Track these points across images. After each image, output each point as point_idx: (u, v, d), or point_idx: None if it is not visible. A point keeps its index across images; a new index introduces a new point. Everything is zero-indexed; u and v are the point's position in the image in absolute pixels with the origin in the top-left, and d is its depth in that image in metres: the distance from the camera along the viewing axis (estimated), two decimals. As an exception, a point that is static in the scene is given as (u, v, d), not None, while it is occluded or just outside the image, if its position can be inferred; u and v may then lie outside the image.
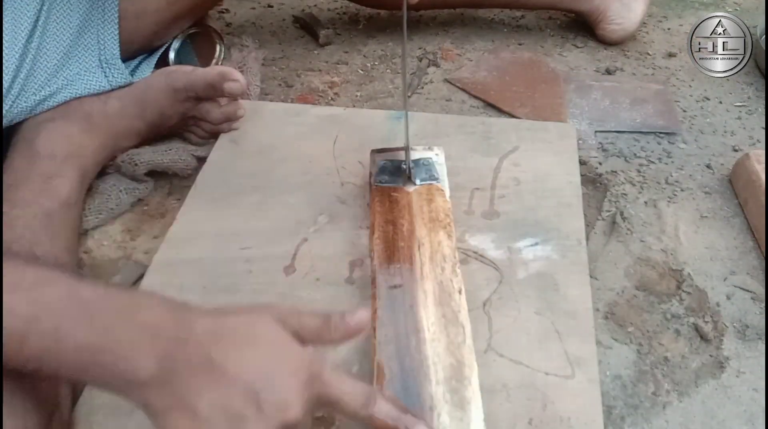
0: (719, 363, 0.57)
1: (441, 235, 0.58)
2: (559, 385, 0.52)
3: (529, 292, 0.58)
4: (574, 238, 0.63)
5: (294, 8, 1.08)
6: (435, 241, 0.57)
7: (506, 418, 0.50)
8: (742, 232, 0.68)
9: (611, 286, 0.62)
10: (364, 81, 0.91)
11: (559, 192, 0.68)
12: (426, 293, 0.52)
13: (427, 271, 0.54)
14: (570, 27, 1.03)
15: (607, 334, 0.58)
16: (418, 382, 0.46)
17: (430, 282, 0.53)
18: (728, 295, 0.62)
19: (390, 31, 1.01)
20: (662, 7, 1.10)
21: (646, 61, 0.96)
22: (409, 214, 0.60)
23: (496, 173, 0.71)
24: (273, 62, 0.94)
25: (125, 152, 0.70)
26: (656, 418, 0.52)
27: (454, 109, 0.85)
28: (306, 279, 0.60)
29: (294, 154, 0.73)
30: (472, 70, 0.92)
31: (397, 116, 0.78)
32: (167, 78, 0.71)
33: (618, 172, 0.76)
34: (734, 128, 0.83)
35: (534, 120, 0.81)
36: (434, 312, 0.51)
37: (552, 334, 0.55)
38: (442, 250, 0.56)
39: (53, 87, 0.67)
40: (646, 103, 0.86)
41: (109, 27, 0.71)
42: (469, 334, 0.50)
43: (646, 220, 0.69)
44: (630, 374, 0.56)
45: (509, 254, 0.62)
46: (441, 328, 0.50)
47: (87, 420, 0.49)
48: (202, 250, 0.62)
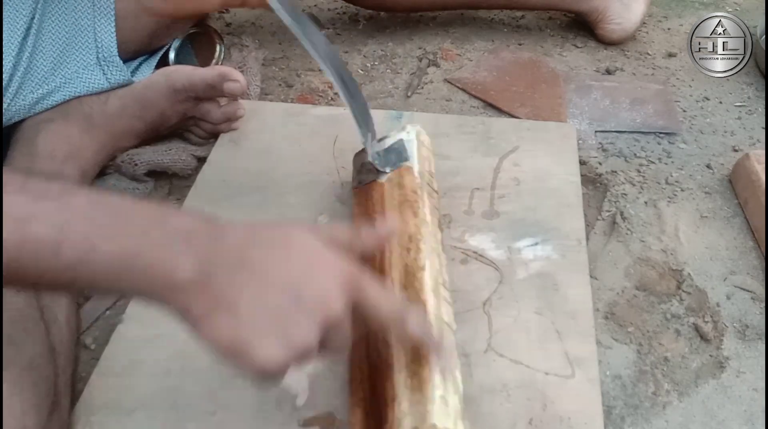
0: (719, 363, 0.57)
1: (408, 214, 0.56)
2: (559, 385, 0.52)
3: (529, 292, 0.58)
4: (574, 238, 0.63)
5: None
6: (403, 223, 0.55)
7: (506, 418, 0.50)
8: (742, 232, 0.68)
9: (611, 286, 0.62)
10: (364, 81, 0.91)
11: (559, 192, 0.68)
12: (393, 281, 0.51)
13: (395, 259, 0.52)
14: (570, 27, 1.03)
15: (607, 334, 0.58)
16: (384, 375, 0.46)
17: (397, 270, 0.52)
18: (728, 295, 0.62)
19: (390, 32, 1.01)
20: (662, 7, 1.10)
21: (646, 61, 0.96)
22: (382, 205, 0.58)
23: (496, 173, 0.71)
24: (273, 62, 0.94)
25: (125, 152, 0.70)
26: (656, 418, 0.52)
27: (454, 109, 0.85)
28: (306, 279, 0.60)
29: (294, 154, 0.73)
30: (472, 70, 0.92)
31: (397, 116, 0.78)
32: (167, 78, 0.71)
33: (618, 172, 0.76)
34: (734, 128, 0.83)
35: (534, 120, 0.81)
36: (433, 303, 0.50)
37: (552, 334, 0.55)
38: (408, 230, 0.54)
39: (51, 85, 0.67)
40: (646, 103, 0.86)
41: (105, 24, 0.71)
42: (432, 310, 0.48)
43: (646, 220, 0.69)
44: (630, 374, 0.56)
45: (509, 254, 0.62)
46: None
47: (87, 420, 0.49)
48: (202, 250, 0.62)
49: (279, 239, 0.39)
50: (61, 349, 0.50)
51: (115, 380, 0.52)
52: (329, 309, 0.37)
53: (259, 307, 0.36)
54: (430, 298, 0.49)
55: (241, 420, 0.49)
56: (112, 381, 0.51)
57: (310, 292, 0.37)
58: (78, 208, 0.36)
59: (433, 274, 0.51)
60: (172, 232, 0.37)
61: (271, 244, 0.39)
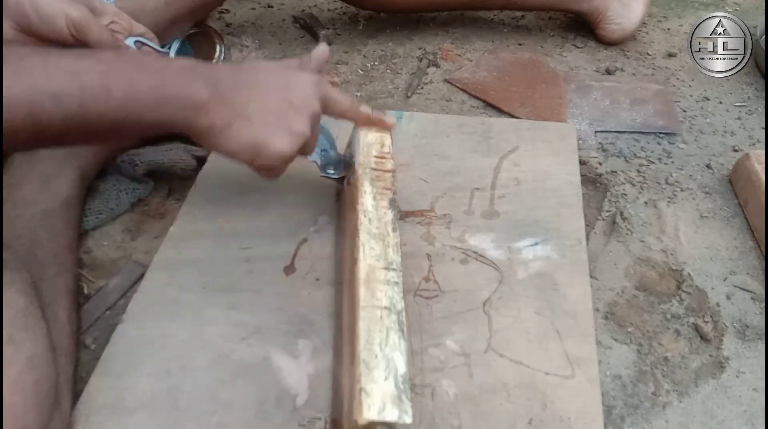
0: (719, 363, 0.57)
1: (350, 211, 0.58)
2: (559, 385, 0.52)
3: (529, 292, 0.59)
4: (574, 238, 0.63)
5: (294, 8, 1.08)
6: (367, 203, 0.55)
7: (506, 418, 0.50)
8: (742, 232, 0.68)
9: (611, 286, 0.62)
10: (364, 81, 0.91)
11: (559, 192, 0.68)
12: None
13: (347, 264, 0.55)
14: (570, 27, 1.03)
15: (607, 334, 0.58)
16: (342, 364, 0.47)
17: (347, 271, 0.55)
18: (728, 295, 0.62)
19: (390, 32, 1.01)
20: (662, 7, 1.10)
21: (646, 61, 0.96)
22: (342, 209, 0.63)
23: (496, 173, 0.71)
24: (273, 62, 0.94)
25: (125, 152, 0.70)
26: (656, 418, 0.52)
27: (454, 109, 0.85)
28: (306, 279, 0.60)
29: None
30: (472, 70, 0.92)
31: (397, 116, 0.78)
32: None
33: (618, 172, 0.76)
34: (734, 128, 0.83)
35: (534, 120, 0.81)
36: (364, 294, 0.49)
37: (552, 334, 0.55)
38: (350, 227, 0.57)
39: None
40: (646, 103, 0.86)
41: None
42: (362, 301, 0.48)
43: (646, 220, 0.69)
44: (630, 374, 0.56)
45: (509, 254, 0.62)
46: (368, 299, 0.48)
47: (87, 420, 0.49)
48: (202, 250, 0.62)
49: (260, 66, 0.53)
50: (62, 348, 0.50)
51: (115, 380, 0.51)
52: (312, 105, 0.52)
53: (266, 112, 0.49)
54: (362, 290, 0.48)
55: (241, 420, 0.49)
56: (112, 381, 0.51)
57: (297, 96, 0.51)
58: (108, 60, 0.45)
59: (368, 263, 0.50)
60: (180, 68, 0.48)
61: (256, 71, 0.52)
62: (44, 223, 0.58)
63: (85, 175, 0.66)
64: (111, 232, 0.67)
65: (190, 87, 0.46)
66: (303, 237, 0.63)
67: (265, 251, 0.62)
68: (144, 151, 0.71)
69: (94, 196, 0.68)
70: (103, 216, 0.67)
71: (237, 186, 0.69)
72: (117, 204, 0.68)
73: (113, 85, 0.43)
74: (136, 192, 0.70)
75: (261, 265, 0.61)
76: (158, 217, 0.69)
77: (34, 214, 0.59)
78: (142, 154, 0.70)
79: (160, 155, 0.71)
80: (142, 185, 0.70)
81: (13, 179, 0.61)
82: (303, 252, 0.62)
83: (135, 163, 0.69)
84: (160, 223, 0.68)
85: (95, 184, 0.69)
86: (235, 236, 0.63)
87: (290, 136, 0.50)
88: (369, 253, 0.51)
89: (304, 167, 0.71)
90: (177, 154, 0.72)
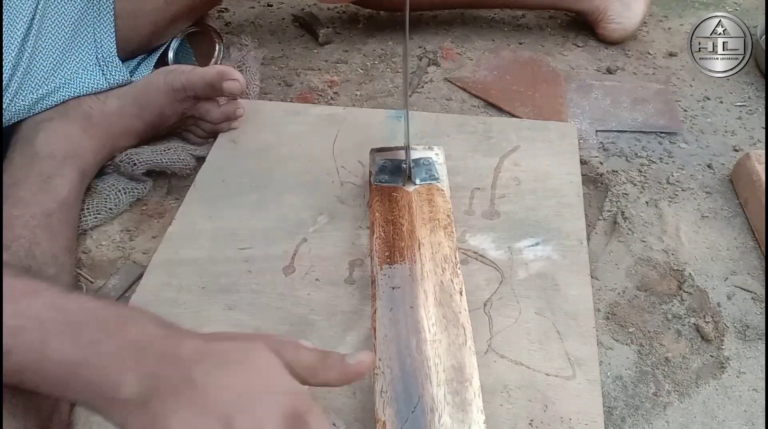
0: (720, 363, 0.57)
1: (441, 236, 0.57)
2: (560, 386, 0.51)
3: (529, 292, 0.58)
4: (575, 238, 0.63)
5: (293, 7, 1.08)
6: (435, 242, 0.57)
7: (507, 419, 0.49)
8: (742, 232, 0.68)
9: (612, 287, 0.62)
10: (364, 80, 0.91)
11: (559, 192, 0.68)
12: (426, 293, 0.52)
13: (427, 271, 0.54)
14: (570, 26, 1.03)
15: (608, 335, 0.58)
16: (419, 383, 0.46)
17: (430, 282, 0.53)
18: (729, 295, 0.62)
19: (390, 30, 1.01)
20: (663, 7, 1.09)
21: (647, 61, 0.96)
22: (409, 213, 0.60)
23: (496, 173, 0.71)
24: (272, 61, 0.94)
25: (124, 152, 0.70)
26: (657, 419, 0.52)
27: (455, 109, 0.85)
28: (305, 279, 0.60)
29: (294, 154, 0.73)
30: (473, 69, 0.92)
31: (397, 116, 0.78)
32: (166, 77, 0.71)
33: (619, 171, 0.75)
34: (735, 128, 0.83)
35: (535, 119, 0.81)
36: (435, 313, 0.51)
37: (553, 334, 0.55)
38: (443, 251, 0.56)
39: (51, 85, 0.67)
40: (646, 103, 0.86)
41: (104, 25, 0.71)
42: (470, 336, 0.50)
43: (647, 220, 0.69)
44: (631, 375, 0.55)
45: (510, 254, 0.62)
46: (442, 328, 0.50)
47: (87, 421, 0.49)
48: (200, 250, 0.62)
49: (233, 355, 0.37)
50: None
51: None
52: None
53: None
54: (468, 325, 0.51)
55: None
56: (111, 381, 0.51)
57: (241, 423, 0.34)
58: (34, 313, 0.37)
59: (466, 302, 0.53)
60: (124, 343, 0.37)
61: (222, 361, 0.37)
62: (43, 223, 0.58)
63: (84, 176, 0.65)
64: (110, 232, 0.67)
65: (118, 376, 0.36)
66: (302, 237, 0.63)
67: (264, 251, 0.62)
68: (143, 151, 0.71)
69: (93, 196, 0.68)
70: (102, 216, 0.67)
71: (236, 186, 0.69)
72: (116, 204, 0.68)
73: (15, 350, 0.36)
74: (135, 192, 0.70)
75: (260, 265, 0.61)
76: (157, 216, 0.69)
77: (34, 214, 0.58)
78: (141, 153, 0.70)
79: (159, 155, 0.71)
80: (140, 185, 0.70)
81: (12, 179, 0.61)
82: (302, 252, 0.62)
83: (134, 163, 0.69)
84: (158, 223, 0.68)
85: (94, 184, 0.69)
86: (233, 236, 0.63)
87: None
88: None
89: (303, 166, 0.71)
90: (176, 154, 0.72)
